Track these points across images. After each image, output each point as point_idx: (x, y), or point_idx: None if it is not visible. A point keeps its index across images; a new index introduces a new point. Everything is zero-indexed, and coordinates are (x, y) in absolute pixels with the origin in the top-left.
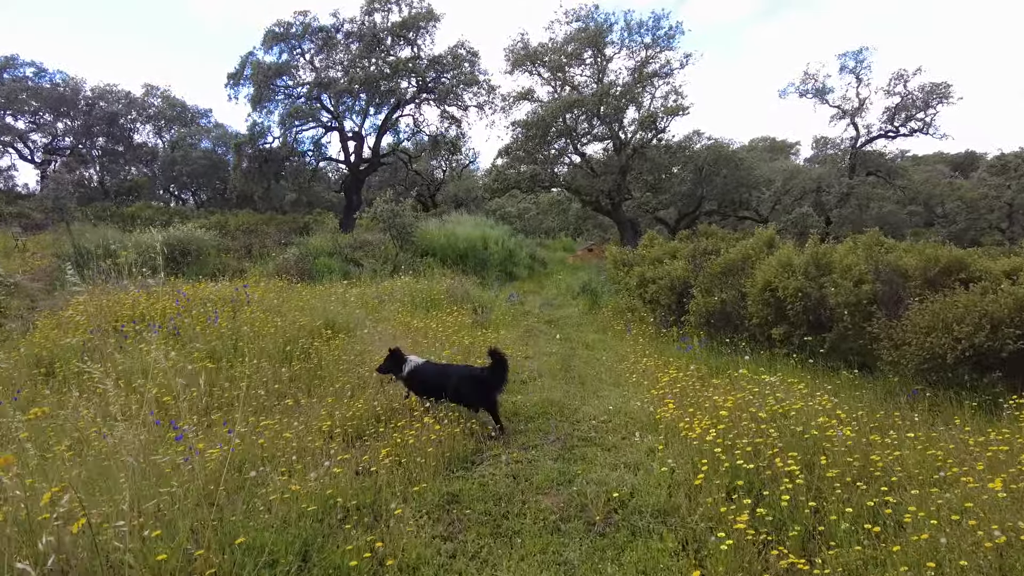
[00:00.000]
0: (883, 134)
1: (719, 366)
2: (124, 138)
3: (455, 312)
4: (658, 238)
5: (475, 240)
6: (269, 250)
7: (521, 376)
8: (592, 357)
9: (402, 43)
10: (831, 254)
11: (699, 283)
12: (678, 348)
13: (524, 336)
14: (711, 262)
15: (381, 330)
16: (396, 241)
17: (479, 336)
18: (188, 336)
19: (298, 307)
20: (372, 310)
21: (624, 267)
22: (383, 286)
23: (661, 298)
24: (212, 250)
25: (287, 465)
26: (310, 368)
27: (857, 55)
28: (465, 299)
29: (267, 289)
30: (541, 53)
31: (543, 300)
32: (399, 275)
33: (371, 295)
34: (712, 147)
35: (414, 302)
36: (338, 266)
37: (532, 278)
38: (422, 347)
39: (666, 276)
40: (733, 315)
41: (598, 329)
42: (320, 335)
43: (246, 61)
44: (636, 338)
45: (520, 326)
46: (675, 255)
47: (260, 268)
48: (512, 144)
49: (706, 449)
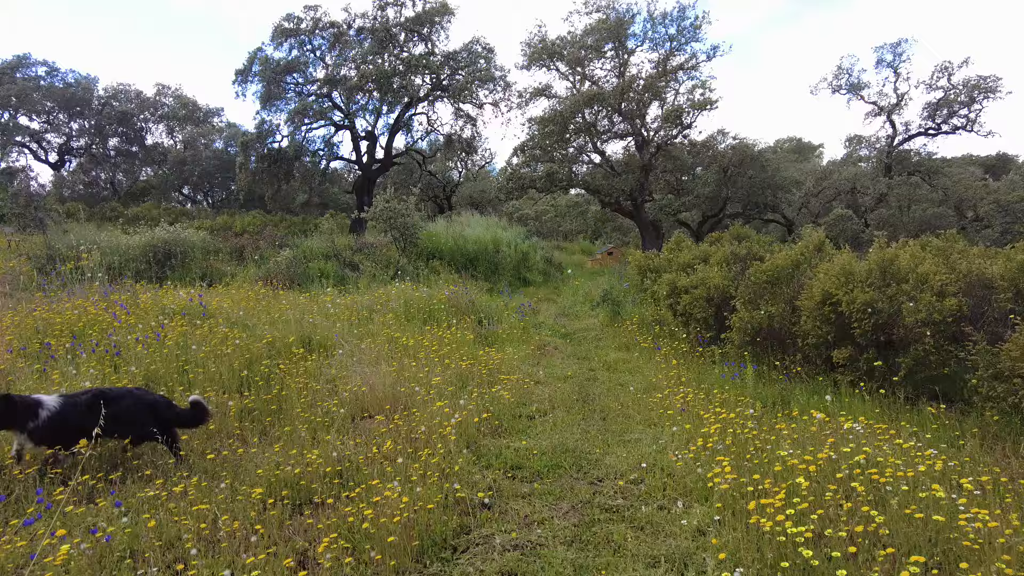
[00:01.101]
0: (923, 131)
1: (775, 398)
2: (137, 138)
3: (455, 325)
4: (686, 241)
5: (486, 243)
6: (263, 252)
7: (528, 409)
8: (615, 382)
9: (416, 39)
10: (900, 260)
11: (741, 294)
12: (721, 374)
13: (535, 354)
14: (755, 269)
15: (364, 348)
16: (398, 243)
17: (481, 356)
18: (131, 356)
19: (272, 319)
20: (360, 323)
21: (650, 274)
22: (377, 294)
23: (696, 311)
24: (199, 253)
25: (183, 560)
26: (267, 399)
27: (895, 47)
28: (469, 309)
29: (243, 297)
30: (559, 47)
31: (559, 310)
32: (400, 281)
33: (362, 304)
34: (737, 147)
35: (409, 313)
36: (333, 271)
37: (547, 284)
38: (409, 372)
39: (702, 285)
40: (783, 332)
41: (621, 345)
42: (289, 355)
43: (254, 57)
44: (667, 358)
45: (531, 342)
46: (707, 260)
47: (250, 272)
48: (528, 142)
49: (783, 542)
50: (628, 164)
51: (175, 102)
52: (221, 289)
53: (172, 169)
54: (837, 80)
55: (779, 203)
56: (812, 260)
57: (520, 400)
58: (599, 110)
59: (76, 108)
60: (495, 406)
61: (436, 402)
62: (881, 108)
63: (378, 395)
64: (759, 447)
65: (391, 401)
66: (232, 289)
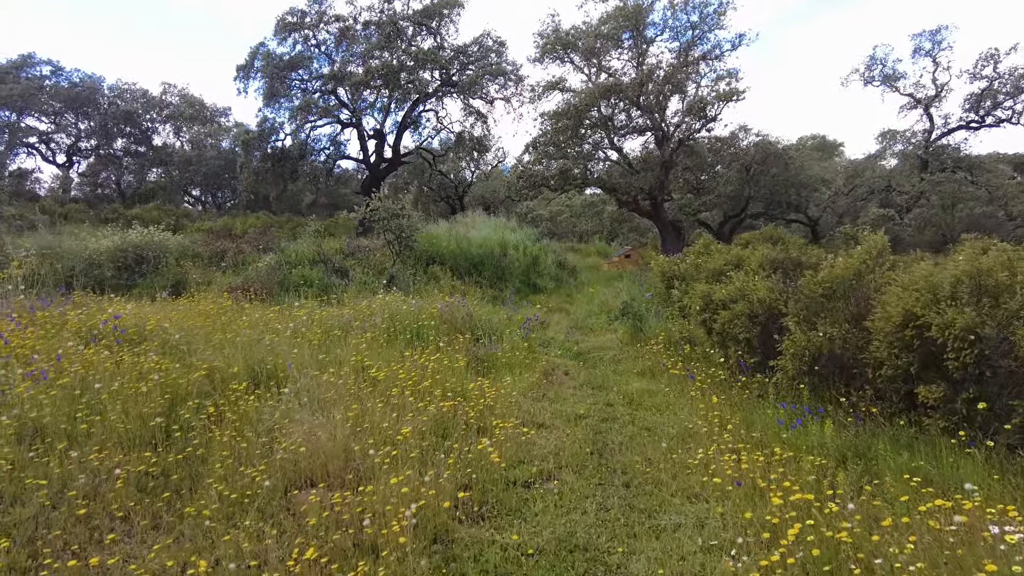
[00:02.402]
0: (964, 125)
1: (848, 449)
2: (145, 139)
3: (446, 346)
4: (714, 243)
5: (492, 245)
6: (247, 257)
7: (526, 471)
8: (640, 424)
9: (424, 33)
10: (998, 271)
11: (794, 310)
12: (777, 419)
13: (540, 384)
14: (808, 280)
15: (325, 381)
16: (393, 247)
17: (472, 391)
18: (13, 399)
19: (224, 341)
20: (331, 344)
21: (677, 282)
22: (360, 307)
23: (737, 330)
24: (174, 258)
25: None
26: (179, 460)
27: (934, 35)
28: (465, 324)
29: (199, 312)
30: (574, 37)
31: (571, 321)
32: (393, 289)
33: (340, 320)
34: (760, 144)
35: (393, 331)
36: (318, 278)
37: (559, 291)
38: (372, 418)
39: (742, 299)
40: (847, 359)
41: (645, 370)
42: (228, 392)
43: (256, 52)
44: (703, 391)
45: (536, 366)
46: (740, 265)
47: (227, 280)
48: (540, 137)
49: None
50: (646, 161)
51: (181, 101)
52: (182, 301)
53: (178, 170)
54: (870, 71)
55: (802, 202)
56: (877, 269)
57: (516, 457)
58: (616, 103)
59: (83, 108)
60: (481, 472)
61: (401, 469)
62: (918, 100)
63: (323, 456)
64: (863, 561)
65: (340, 464)
66: (195, 301)
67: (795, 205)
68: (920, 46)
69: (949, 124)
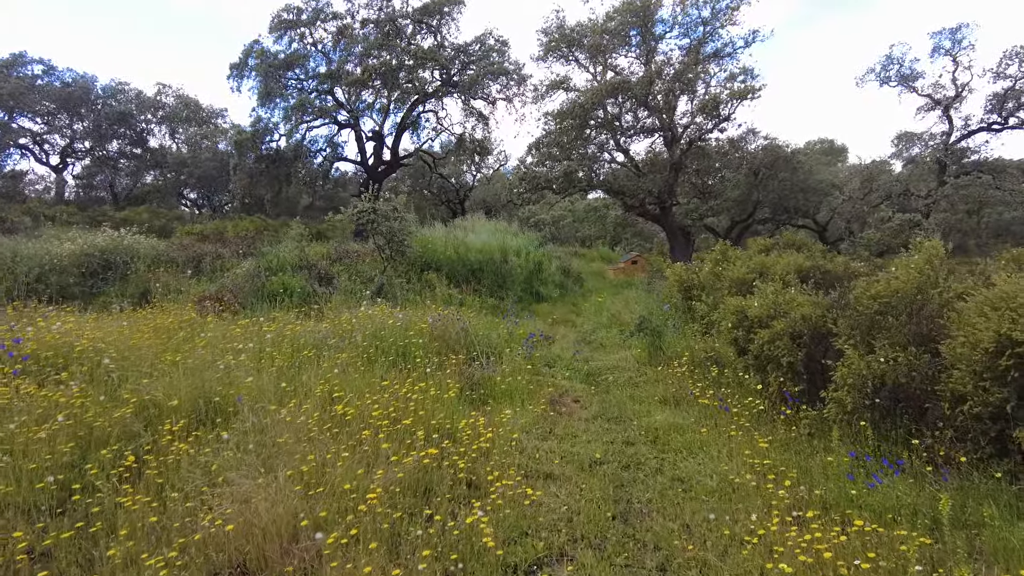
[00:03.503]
0: (986, 126)
1: (931, 510)
2: (140, 140)
3: (436, 368)
4: (733, 250)
5: (492, 251)
6: (226, 262)
7: (529, 551)
8: (671, 474)
9: (424, 31)
10: None
11: (845, 330)
12: (847, 472)
13: (546, 416)
14: (861, 294)
15: (281, 419)
16: (384, 252)
17: (463, 429)
18: None
19: (172, 363)
20: (300, 367)
21: (696, 292)
22: (340, 320)
23: (779, 353)
24: (144, 264)
25: None
26: (70, 536)
27: (954, 33)
28: (459, 342)
29: (156, 327)
30: (579, 34)
31: (579, 335)
32: (381, 299)
33: (316, 335)
34: (768, 147)
35: (377, 349)
36: (299, 286)
37: (564, 299)
38: (332, 476)
39: (780, 315)
40: (913, 389)
41: (668, 398)
42: (161, 433)
43: (251, 50)
44: (743, 426)
45: (541, 392)
46: (763, 273)
47: (201, 288)
48: (544, 138)
49: None
50: (654, 164)
51: (177, 102)
52: (141, 313)
53: (172, 172)
54: (886, 71)
55: (811, 207)
56: (942, 281)
57: (517, 527)
58: (623, 102)
59: (76, 109)
60: (470, 557)
61: (362, 556)
62: (936, 101)
63: (260, 534)
64: None
65: (281, 546)
66: (156, 313)
67: (803, 210)
68: (939, 45)
69: (970, 126)
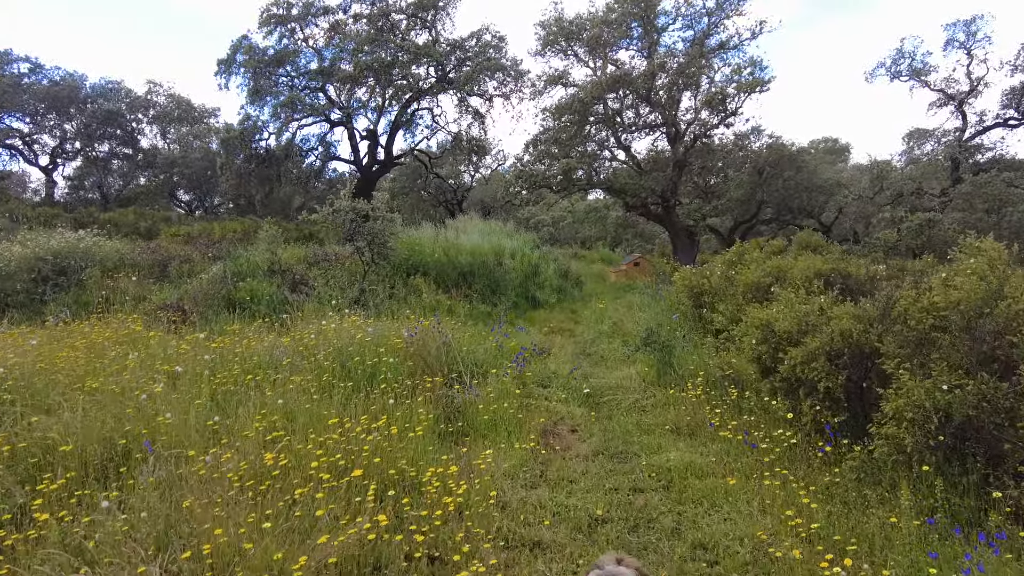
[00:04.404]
0: (1002, 122)
1: None
2: (131, 140)
3: (408, 395)
4: (752, 251)
5: (485, 253)
6: (195, 266)
7: None
8: (691, 537)
9: (418, 26)
10: None
11: (894, 349)
12: (921, 540)
13: (536, 456)
14: (908, 304)
15: (192, 472)
16: (363, 255)
17: (430, 480)
18: None
19: (92, 390)
20: (244, 394)
21: (709, 300)
22: (305, 333)
23: (815, 375)
24: (100, 269)
25: None
26: None
27: (968, 25)
28: (440, 358)
29: (91, 342)
30: (578, 26)
31: (578, 346)
32: (358, 309)
33: (274, 353)
34: (773, 146)
35: (338, 369)
36: (270, 293)
37: (562, 305)
38: (244, 558)
39: (814, 331)
40: (987, 424)
41: (682, 427)
42: (40, 491)
43: (239, 45)
44: (774, 468)
45: (532, 422)
46: (781, 277)
47: (164, 295)
48: (541, 135)
49: None
50: (656, 162)
51: (168, 101)
52: (79, 327)
53: (163, 172)
54: (897, 65)
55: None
56: (1010, 290)
57: None
58: (624, 96)
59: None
60: None
61: None
62: (950, 96)
63: None
64: None
65: None
66: (95, 326)
67: (808, 210)
68: (953, 37)
69: (984, 122)
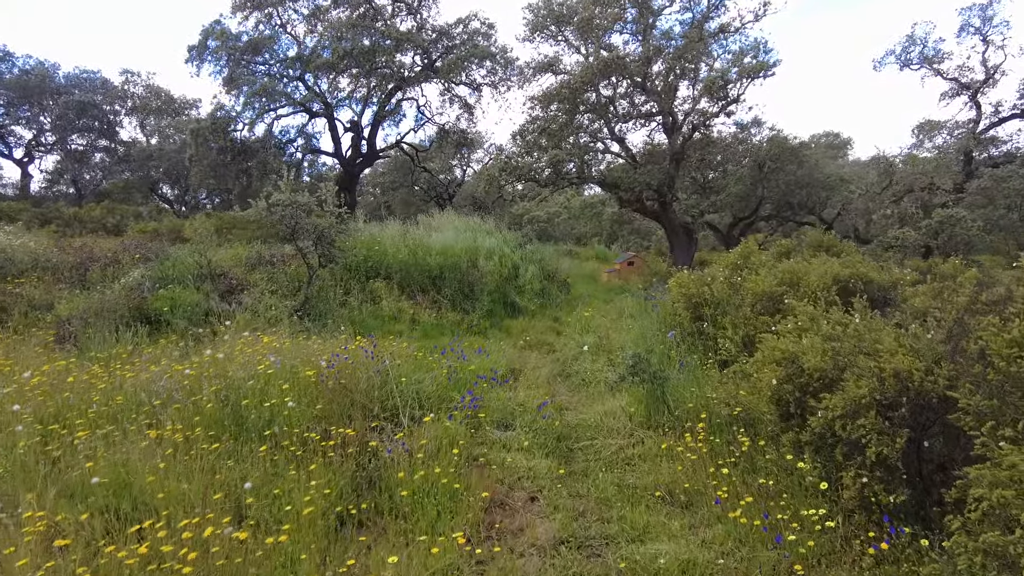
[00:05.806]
0: (1019, 113)
1: None
2: (109, 132)
3: (308, 454)
4: (760, 254)
5: (457, 254)
6: (122, 269)
7: None
8: None
9: (403, 11)
10: None
11: (975, 400)
12: None
13: (469, 557)
14: (994, 335)
15: None
16: (309, 256)
17: None
18: None
19: None
20: (64, 463)
21: (711, 312)
22: (199, 360)
23: (863, 435)
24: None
25: None
26: None
27: (984, 9)
28: (373, 393)
29: None
30: (569, 10)
31: (557, 366)
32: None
33: (157, 387)
34: (774, 139)
35: (230, 415)
36: (194, 301)
37: (544, 312)
38: None
39: (853, 367)
40: None
41: (677, 495)
42: None
43: (211, 31)
44: None
45: (475, 490)
46: (795, 284)
47: (73, 304)
48: (529, 124)
49: None
50: (652, 155)
51: (145, 92)
52: None
53: (139, 166)
54: (907, 52)
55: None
56: None
57: None
58: (618, 83)
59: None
60: None
61: None
62: (964, 85)
63: None
64: None
65: None
66: None
67: (808, 206)
68: (968, 23)
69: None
